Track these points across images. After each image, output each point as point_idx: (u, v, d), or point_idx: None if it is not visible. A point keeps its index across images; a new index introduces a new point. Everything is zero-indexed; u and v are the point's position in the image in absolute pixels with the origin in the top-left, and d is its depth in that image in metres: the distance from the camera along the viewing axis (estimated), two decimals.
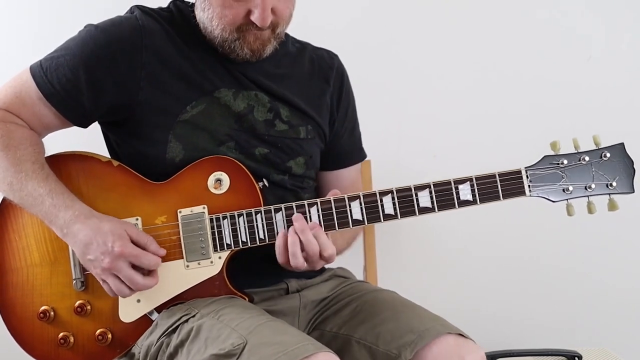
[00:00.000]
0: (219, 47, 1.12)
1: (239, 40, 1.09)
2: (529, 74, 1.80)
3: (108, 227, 1.00)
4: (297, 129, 1.19)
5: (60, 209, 1.01)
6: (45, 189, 1.02)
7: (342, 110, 1.28)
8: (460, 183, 1.02)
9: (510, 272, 1.83)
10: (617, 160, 1.00)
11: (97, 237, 0.99)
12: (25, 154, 1.05)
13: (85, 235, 1.00)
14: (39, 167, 1.05)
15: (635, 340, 1.82)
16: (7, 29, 1.73)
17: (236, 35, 1.08)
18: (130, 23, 1.10)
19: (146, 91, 1.09)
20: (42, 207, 1.02)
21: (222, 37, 1.09)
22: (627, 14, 1.79)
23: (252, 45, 1.09)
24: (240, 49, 1.09)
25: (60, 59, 1.08)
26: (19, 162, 1.04)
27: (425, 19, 1.80)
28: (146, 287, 1.02)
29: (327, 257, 1.03)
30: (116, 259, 0.99)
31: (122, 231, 1.01)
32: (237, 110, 1.14)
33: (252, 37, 1.09)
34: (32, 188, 1.02)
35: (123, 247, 0.99)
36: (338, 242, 1.15)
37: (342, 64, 1.30)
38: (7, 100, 1.10)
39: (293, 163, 1.18)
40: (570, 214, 1.02)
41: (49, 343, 1.08)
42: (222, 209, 1.07)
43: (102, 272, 1.01)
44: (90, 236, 1.00)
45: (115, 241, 0.99)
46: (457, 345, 0.99)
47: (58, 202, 1.02)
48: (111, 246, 0.99)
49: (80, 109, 1.10)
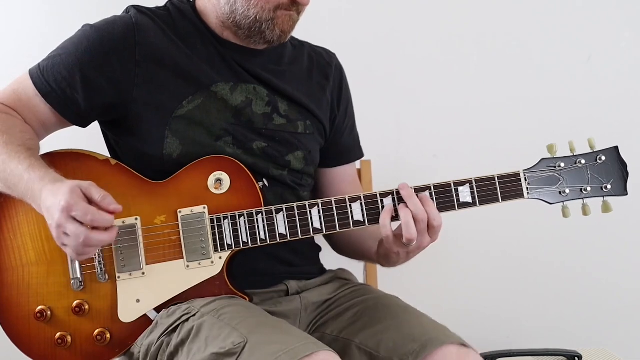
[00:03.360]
0: (245, 30, 1.17)
1: (273, 20, 1.15)
2: (529, 74, 1.86)
3: (64, 187, 1.00)
4: (296, 124, 1.24)
5: (35, 182, 1.03)
6: (24, 166, 1.04)
7: (342, 107, 1.34)
8: (460, 185, 1.08)
9: (510, 272, 1.89)
10: (611, 164, 1.06)
11: (55, 198, 1.00)
12: (13, 138, 1.09)
13: (48, 200, 1.01)
14: (24, 149, 1.08)
15: (636, 340, 1.88)
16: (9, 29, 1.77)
17: (272, 15, 1.15)
18: (124, 21, 1.16)
19: (140, 88, 1.14)
20: (22, 185, 1.04)
21: (257, 18, 1.15)
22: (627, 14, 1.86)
23: (284, 26, 1.16)
24: (272, 30, 1.16)
25: (57, 59, 1.14)
26: (4, 144, 1.08)
27: (426, 19, 1.85)
28: (97, 241, 1.01)
29: (437, 226, 1.07)
30: (62, 214, 0.98)
31: (75, 187, 1.00)
32: (235, 104, 1.19)
33: (287, 17, 1.16)
34: (14, 166, 1.05)
35: (69, 199, 0.98)
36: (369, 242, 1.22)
37: (340, 62, 1.36)
38: (4, 97, 1.17)
39: (292, 157, 1.23)
40: (565, 216, 1.08)
41: (45, 343, 1.12)
42: (222, 209, 1.11)
43: (56, 233, 1.01)
44: (50, 199, 1.00)
45: (63, 195, 0.98)
46: (459, 355, 1.03)
47: (34, 176, 1.03)
48: (59, 201, 0.98)
49: (75, 108, 1.15)
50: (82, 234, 1.00)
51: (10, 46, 1.76)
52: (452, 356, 1.03)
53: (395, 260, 1.14)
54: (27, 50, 1.21)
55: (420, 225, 1.07)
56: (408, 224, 1.06)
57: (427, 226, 1.07)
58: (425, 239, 1.08)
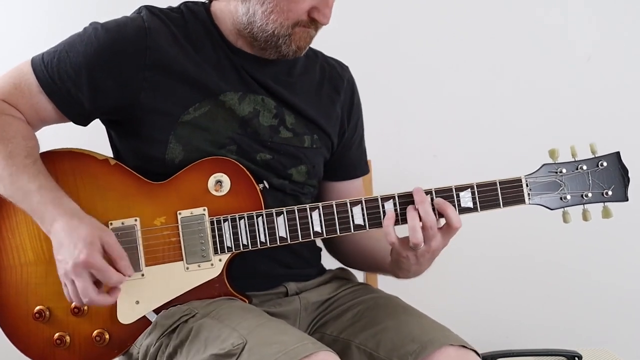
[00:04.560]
0: (261, 42, 1.16)
1: (290, 36, 1.15)
2: (529, 74, 1.88)
3: (84, 232, 1.03)
4: (302, 138, 1.24)
5: (47, 206, 1.05)
6: (35, 185, 1.06)
7: (352, 122, 1.33)
8: (462, 190, 1.09)
9: (510, 272, 1.91)
10: (612, 169, 1.07)
11: (70, 239, 1.03)
12: (18, 147, 1.09)
13: (61, 236, 1.04)
14: (31, 162, 1.09)
15: (636, 340, 1.91)
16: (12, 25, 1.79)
17: (290, 31, 1.15)
18: (136, 24, 1.15)
19: (148, 92, 1.14)
20: (31, 204, 1.07)
21: (275, 33, 1.14)
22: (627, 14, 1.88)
23: (300, 42, 1.16)
24: (288, 45, 1.16)
25: (63, 54, 1.13)
26: (10, 155, 1.09)
27: (426, 21, 1.87)
28: (98, 303, 1.05)
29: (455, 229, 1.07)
30: (77, 266, 1.02)
31: (96, 239, 1.03)
32: (242, 115, 1.19)
33: (304, 33, 1.16)
34: (23, 183, 1.07)
35: (88, 256, 1.01)
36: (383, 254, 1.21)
37: (352, 77, 1.35)
38: (5, 91, 1.15)
39: (294, 171, 1.23)
40: (566, 222, 1.09)
41: (44, 343, 1.13)
42: (222, 211, 1.12)
43: (64, 274, 1.05)
44: (65, 237, 1.03)
45: (83, 248, 1.01)
46: (458, 357, 1.05)
47: (46, 199, 1.06)
48: (78, 252, 1.02)
49: (79, 108, 1.15)
50: (88, 296, 1.04)
51: (13, 45, 1.77)
52: (451, 358, 1.04)
53: (407, 265, 1.13)
54: (29, 48, 1.21)
55: (428, 232, 1.07)
56: (414, 227, 1.06)
57: (437, 230, 1.07)
58: (434, 243, 1.08)
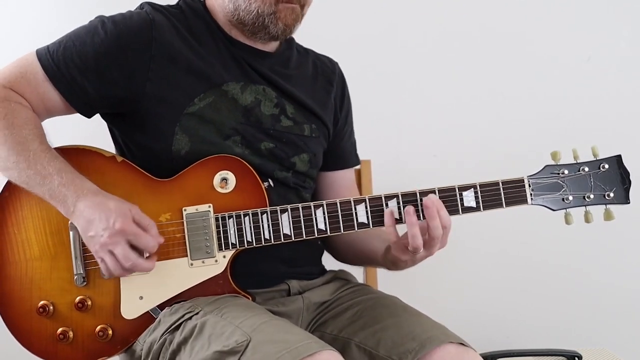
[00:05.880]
0: (249, 26, 1.22)
1: (275, 14, 1.20)
2: (529, 74, 1.91)
3: (113, 205, 1.08)
4: (302, 126, 1.29)
5: (69, 187, 1.09)
6: (54, 168, 1.10)
7: (344, 113, 1.40)
8: (465, 190, 1.12)
9: (510, 272, 1.94)
10: (614, 172, 1.10)
11: (101, 213, 1.07)
12: (31, 134, 1.13)
13: (89, 212, 1.07)
14: (47, 148, 1.13)
15: (635, 340, 1.94)
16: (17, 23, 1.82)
17: (274, 8, 1.20)
18: (141, 17, 1.20)
19: (154, 83, 1.18)
20: (51, 186, 1.09)
21: (259, 12, 1.20)
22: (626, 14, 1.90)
23: (286, 19, 1.22)
24: (275, 24, 1.21)
25: (69, 44, 1.17)
26: (25, 140, 1.11)
27: (427, 19, 1.90)
28: (142, 268, 1.09)
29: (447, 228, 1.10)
30: (115, 235, 1.06)
31: (127, 210, 1.08)
32: (244, 104, 1.23)
33: (289, 10, 1.21)
34: (41, 166, 1.10)
35: (124, 224, 1.06)
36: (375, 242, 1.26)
37: (342, 71, 1.42)
38: (11, 79, 1.17)
39: (297, 159, 1.28)
40: (568, 223, 1.12)
41: (47, 338, 1.15)
42: (227, 208, 1.15)
43: (100, 248, 1.08)
44: (94, 213, 1.07)
45: (117, 217, 1.06)
46: (458, 354, 1.07)
47: (67, 180, 1.09)
48: (113, 222, 1.06)
49: (84, 97, 1.18)
50: (131, 260, 1.08)
51: (18, 41, 1.80)
52: (450, 355, 1.07)
53: (403, 265, 1.18)
54: (34, 45, 1.24)
55: (431, 242, 1.10)
56: (414, 235, 1.09)
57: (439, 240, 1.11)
58: (434, 248, 1.12)
